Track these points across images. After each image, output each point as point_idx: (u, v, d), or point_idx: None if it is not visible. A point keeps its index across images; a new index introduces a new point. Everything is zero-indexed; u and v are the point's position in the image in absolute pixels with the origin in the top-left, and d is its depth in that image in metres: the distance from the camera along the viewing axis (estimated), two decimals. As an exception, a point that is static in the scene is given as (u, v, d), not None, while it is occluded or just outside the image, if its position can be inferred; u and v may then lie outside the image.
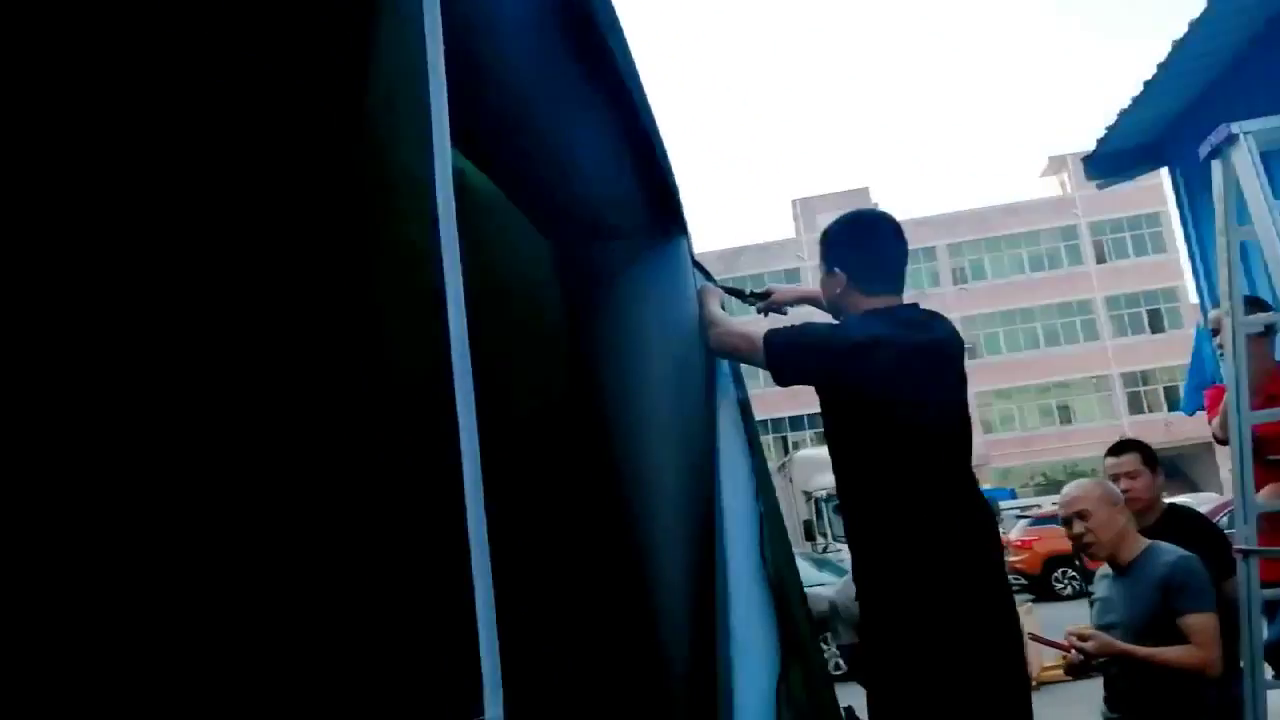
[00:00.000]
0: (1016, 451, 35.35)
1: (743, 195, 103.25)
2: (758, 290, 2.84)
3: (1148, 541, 2.91)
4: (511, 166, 2.22)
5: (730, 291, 2.78)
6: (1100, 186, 6.24)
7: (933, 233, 37.41)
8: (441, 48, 0.96)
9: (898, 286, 2.44)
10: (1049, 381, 36.81)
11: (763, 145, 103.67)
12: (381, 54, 0.98)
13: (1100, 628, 2.94)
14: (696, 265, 2.70)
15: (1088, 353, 35.74)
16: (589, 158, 2.15)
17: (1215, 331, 3.43)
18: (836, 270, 2.45)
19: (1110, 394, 36.33)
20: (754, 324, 2.53)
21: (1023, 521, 19.13)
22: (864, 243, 2.47)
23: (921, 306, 2.46)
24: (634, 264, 2.44)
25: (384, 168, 0.97)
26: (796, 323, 2.48)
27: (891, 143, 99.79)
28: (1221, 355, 3.13)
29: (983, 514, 2.27)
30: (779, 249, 38.37)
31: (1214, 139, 2.79)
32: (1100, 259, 36.92)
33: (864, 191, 39.31)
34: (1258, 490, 3.18)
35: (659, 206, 2.43)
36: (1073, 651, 2.82)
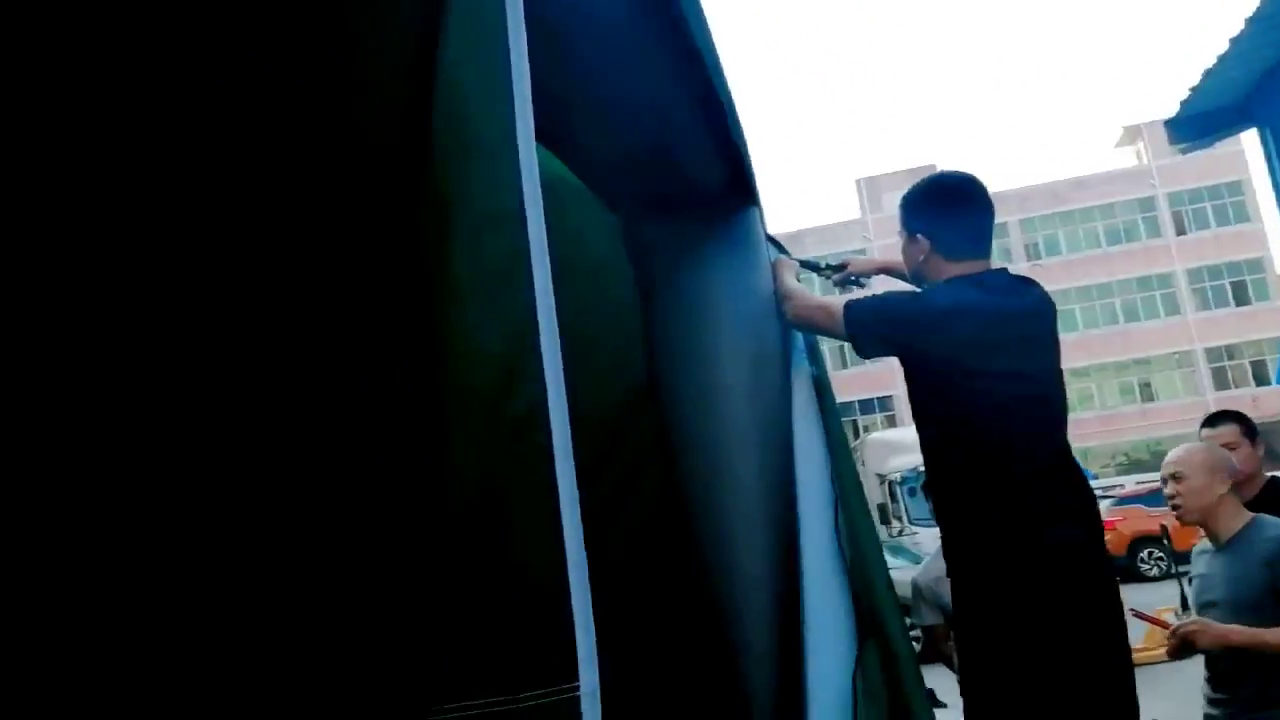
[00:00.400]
0: (1096, 431, 34.31)
1: (806, 176, 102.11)
2: (834, 264, 2.77)
3: (1251, 515, 2.77)
4: (575, 138, 2.19)
5: (805, 265, 2.71)
6: (1184, 151, 5.98)
7: (1004, 208, 36.22)
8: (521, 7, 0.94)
9: (984, 251, 2.35)
10: (1128, 358, 35.65)
11: (826, 124, 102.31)
12: (456, 14, 0.96)
13: (1200, 606, 2.81)
14: (769, 239, 2.64)
15: (1169, 328, 34.52)
16: (656, 127, 2.11)
17: None
18: (919, 236, 2.36)
19: (1194, 370, 35.04)
20: (832, 297, 2.48)
21: (1106, 502, 18.68)
22: (947, 206, 2.37)
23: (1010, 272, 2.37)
24: (705, 237, 2.40)
25: (459, 132, 0.95)
26: (878, 293, 2.42)
27: (959, 118, 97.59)
28: None
29: (1079, 484, 2.18)
30: (844, 230, 37.81)
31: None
32: (1180, 230, 35.59)
33: (930, 169, 38.42)
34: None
35: (730, 176, 2.37)
36: (1169, 637, 2.70)
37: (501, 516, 0.75)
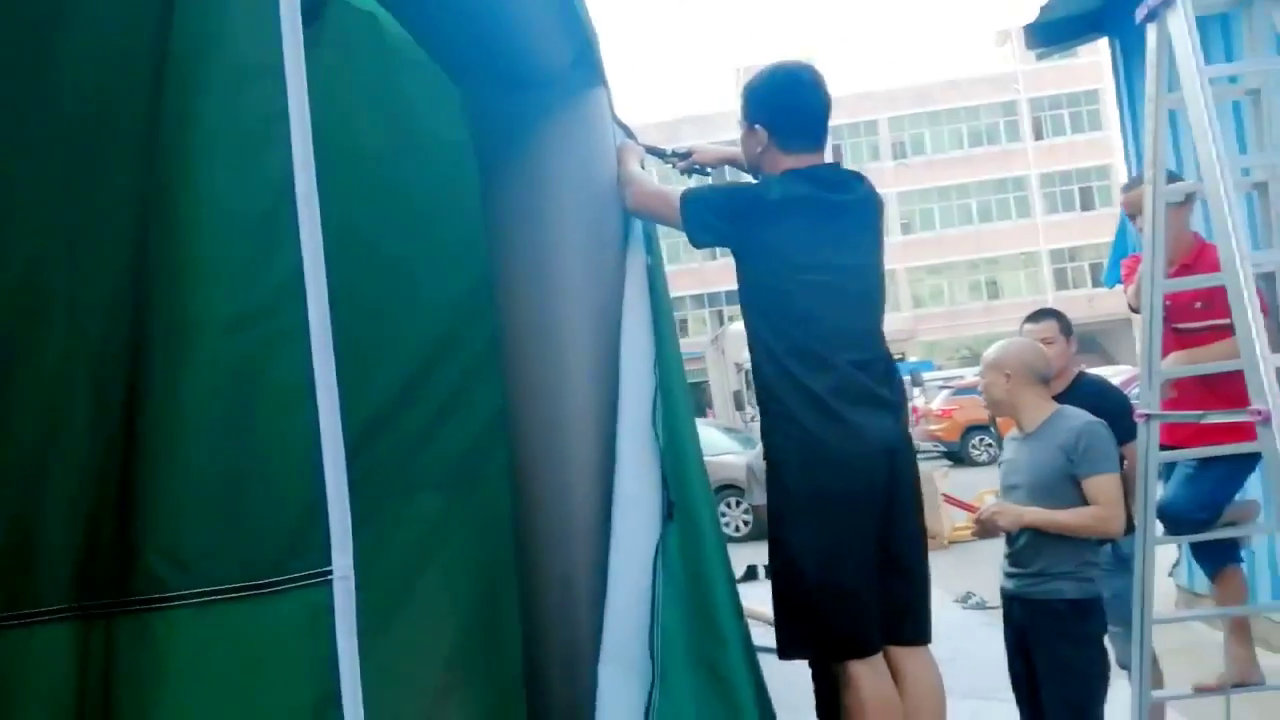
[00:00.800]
0: (943, 326, 36.18)
1: (684, 65, 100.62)
2: (679, 150, 2.74)
3: (1056, 406, 2.97)
4: (416, 5, 2.07)
5: (651, 151, 2.68)
6: (1040, 56, 6.14)
7: (874, 106, 36.95)
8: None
9: (819, 144, 2.39)
10: (979, 258, 37.38)
11: (708, 12, 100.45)
12: None
13: (1005, 489, 3.04)
14: (617, 122, 2.58)
15: (1019, 229, 36.26)
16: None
17: (1132, 217, 3.45)
18: (756, 126, 2.39)
19: (1038, 270, 37.10)
20: (670, 187, 2.47)
21: (944, 392, 19.88)
22: (785, 96, 2.39)
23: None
24: (547, 116, 2.32)
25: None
26: (715, 184, 2.43)
27: (841, 11, 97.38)
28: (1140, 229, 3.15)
29: (888, 375, 2.31)
30: (721, 119, 37.51)
31: (1151, 1, 2.71)
32: (1038, 136, 37.00)
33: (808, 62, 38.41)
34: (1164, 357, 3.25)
35: (576, 55, 2.29)
36: (981, 517, 2.92)
37: (249, 398, 0.71)
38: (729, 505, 11.22)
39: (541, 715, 2.06)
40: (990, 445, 16.73)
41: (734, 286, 2.45)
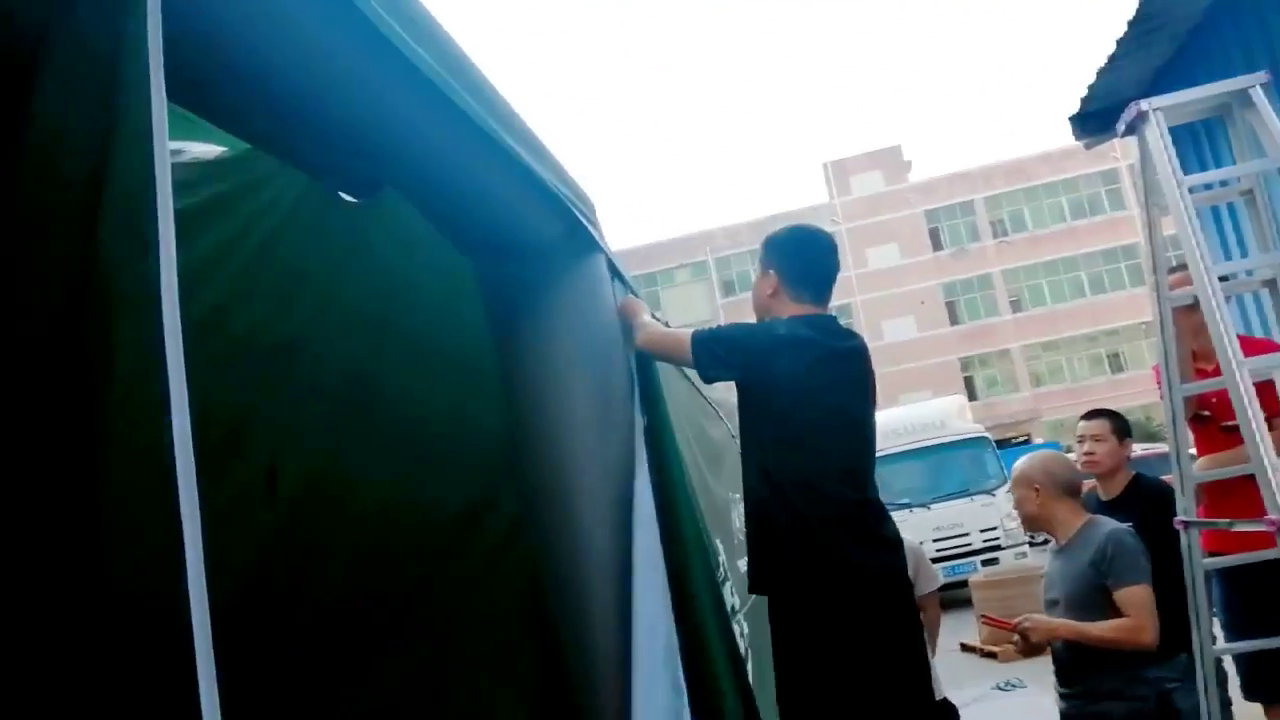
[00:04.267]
0: (1067, 404, 34.73)
1: (776, 162, 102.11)
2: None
3: (1087, 516, 2.95)
4: (422, 192, 2.33)
5: None
6: (1088, 146, 6.16)
7: (969, 186, 36.74)
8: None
9: (823, 299, 2.60)
10: (1097, 330, 36.07)
11: (796, 110, 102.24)
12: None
13: (1046, 603, 3.00)
14: (619, 278, 2.79)
15: (1135, 299, 34.89)
16: (481, 188, 2.26)
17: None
18: (771, 271, 2.60)
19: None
20: (681, 328, 2.67)
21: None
22: (801, 252, 2.63)
23: (839, 321, 2.62)
24: (547, 283, 2.55)
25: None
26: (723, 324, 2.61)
27: (925, 99, 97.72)
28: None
29: (879, 514, 2.38)
30: (812, 214, 37.92)
31: (1127, 116, 2.80)
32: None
33: (896, 150, 38.68)
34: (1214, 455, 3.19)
35: (565, 229, 2.52)
36: (1016, 638, 2.88)
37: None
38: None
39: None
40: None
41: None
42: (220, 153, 2.54)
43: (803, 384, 2.38)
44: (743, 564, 3.61)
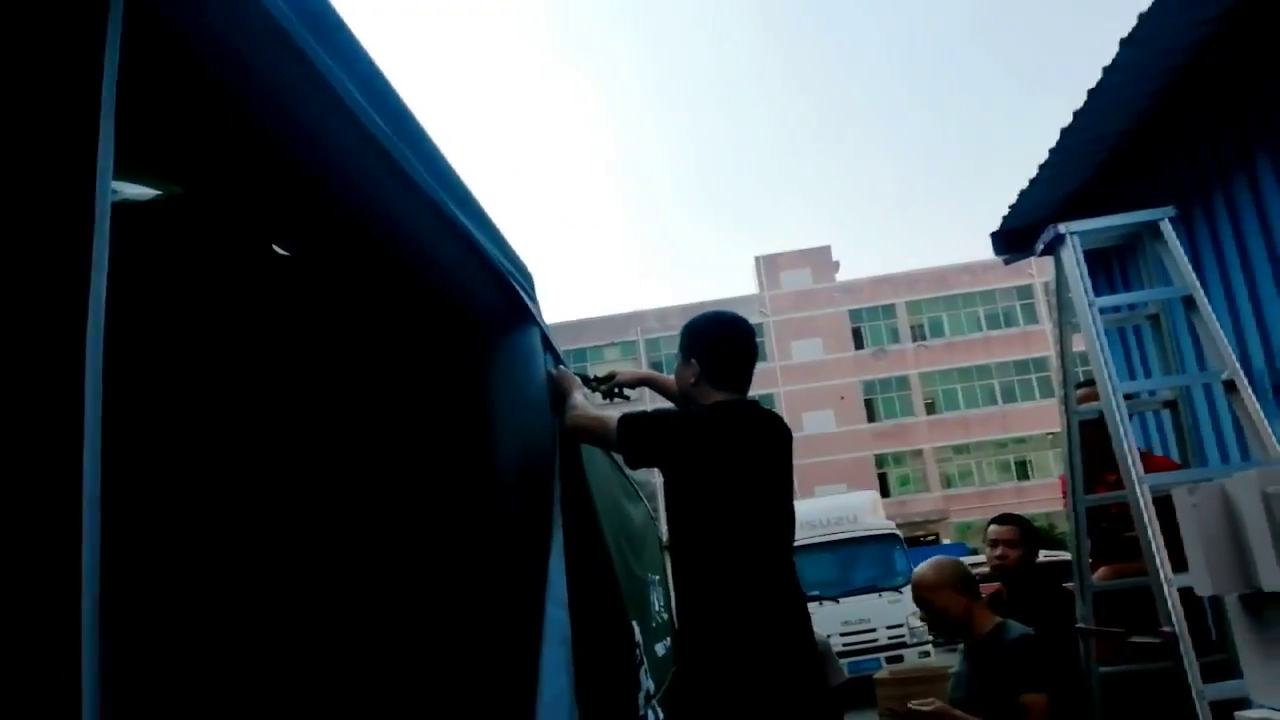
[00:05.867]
0: (976, 506, 35.58)
1: (710, 250, 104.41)
2: (600, 375, 2.96)
3: (996, 619, 3.01)
4: (367, 253, 2.33)
5: (579, 376, 2.89)
6: (1007, 262, 6.45)
7: (892, 290, 38.02)
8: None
9: (743, 386, 2.62)
10: (1007, 437, 37.24)
11: (732, 202, 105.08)
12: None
13: (953, 701, 3.03)
14: (551, 351, 2.81)
15: (1043, 410, 36.23)
16: (431, 251, 2.28)
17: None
18: (693, 361, 2.62)
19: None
20: (608, 412, 2.66)
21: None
22: (720, 343, 2.64)
23: (760, 404, 2.64)
24: (487, 349, 2.56)
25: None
26: (648, 409, 2.62)
27: (857, 204, 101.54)
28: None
29: (793, 594, 2.39)
30: (742, 304, 38.71)
31: (1045, 237, 2.95)
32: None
33: (826, 250, 39.91)
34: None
35: (506, 301, 2.55)
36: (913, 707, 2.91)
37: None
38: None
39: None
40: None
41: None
42: (154, 195, 2.51)
43: (726, 468, 2.41)
44: (660, 647, 3.57)
